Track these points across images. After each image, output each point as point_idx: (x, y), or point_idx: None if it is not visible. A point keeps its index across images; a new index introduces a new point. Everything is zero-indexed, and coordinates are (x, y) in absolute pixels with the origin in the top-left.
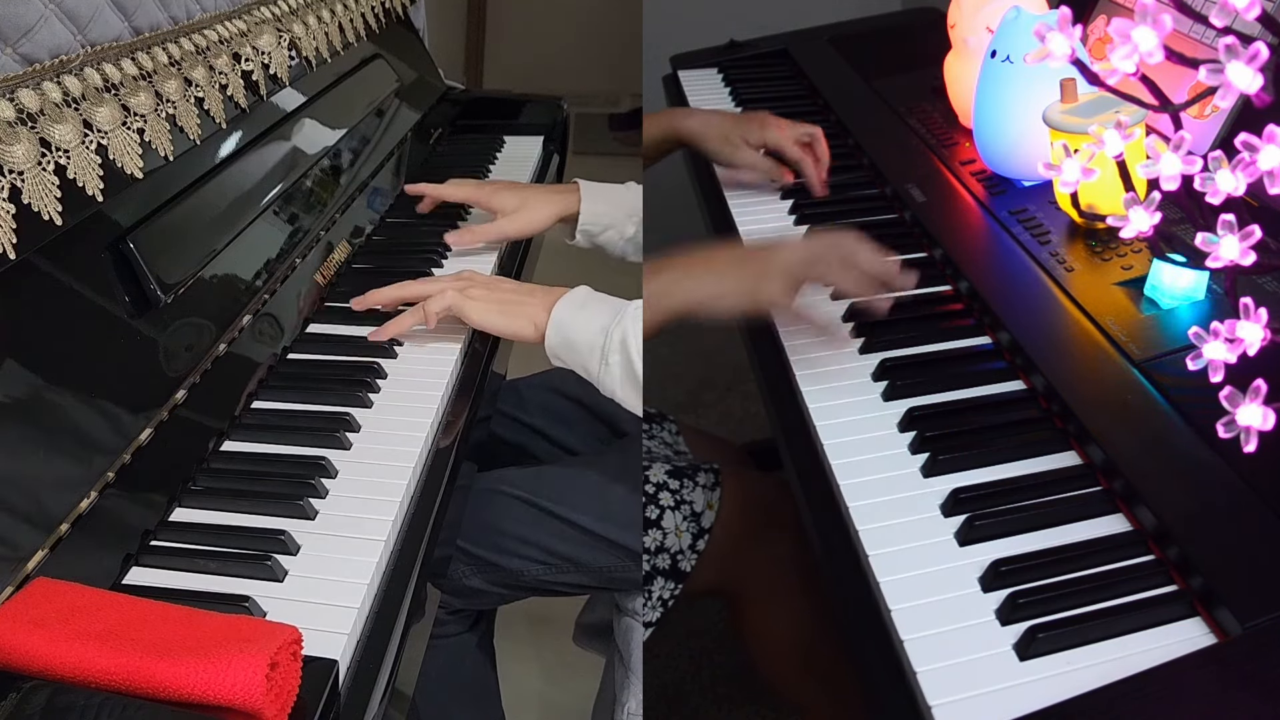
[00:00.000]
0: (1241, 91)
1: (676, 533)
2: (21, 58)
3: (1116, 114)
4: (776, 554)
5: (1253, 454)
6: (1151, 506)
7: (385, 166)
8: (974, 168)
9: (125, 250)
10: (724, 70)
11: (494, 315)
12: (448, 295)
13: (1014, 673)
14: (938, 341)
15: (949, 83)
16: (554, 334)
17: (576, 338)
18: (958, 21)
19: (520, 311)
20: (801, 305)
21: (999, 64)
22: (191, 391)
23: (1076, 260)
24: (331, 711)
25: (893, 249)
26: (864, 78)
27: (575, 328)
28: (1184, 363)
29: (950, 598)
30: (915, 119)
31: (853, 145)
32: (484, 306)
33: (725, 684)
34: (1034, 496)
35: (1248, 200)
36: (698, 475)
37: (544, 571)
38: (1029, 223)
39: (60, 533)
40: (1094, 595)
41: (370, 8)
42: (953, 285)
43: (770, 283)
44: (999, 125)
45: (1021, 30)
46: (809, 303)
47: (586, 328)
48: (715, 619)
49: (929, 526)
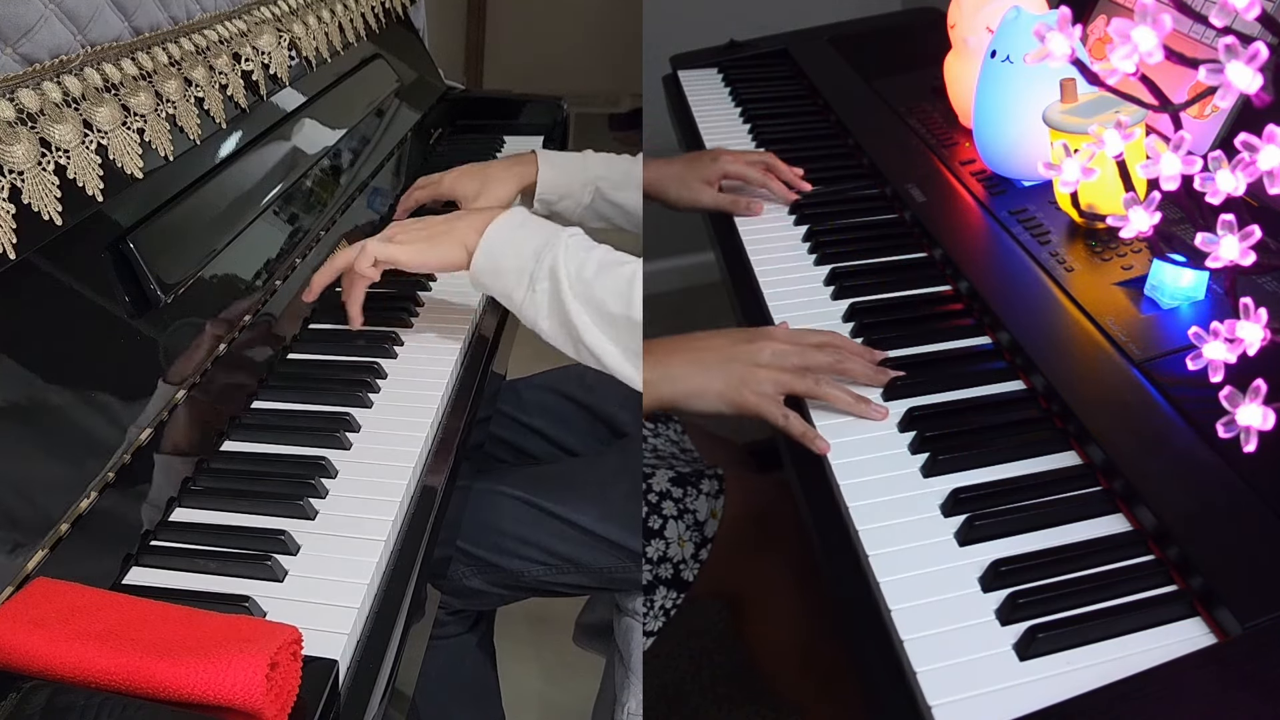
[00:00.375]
0: (1241, 91)
1: (679, 542)
2: (21, 58)
3: (1116, 114)
4: (779, 558)
5: (1253, 454)
6: (1151, 506)
7: (385, 166)
8: (974, 168)
9: (125, 250)
10: (724, 70)
11: (423, 251)
12: (369, 247)
13: (1014, 673)
14: (938, 341)
15: (949, 83)
16: (482, 256)
17: (504, 261)
18: (958, 21)
19: (448, 239)
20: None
21: (999, 64)
22: (191, 391)
23: (1076, 260)
24: (331, 711)
25: (893, 249)
26: (864, 78)
27: (506, 249)
28: (1184, 363)
29: (950, 598)
30: (915, 119)
31: (853, 145)
32: (411, 247)
33: (725, 684)
34: (1034, 496)
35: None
36: (701, 483)
37: (544, 572)
38: (1029, 223)
39: (60, 533)
40: (1094, 595)
41: (370, 8)
42: (953, 285)
43: (755, 388)
44: (999, 125)
45: (1021, 30)
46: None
47: (518, 251)
48: (715, 619)
49: (929, 526)
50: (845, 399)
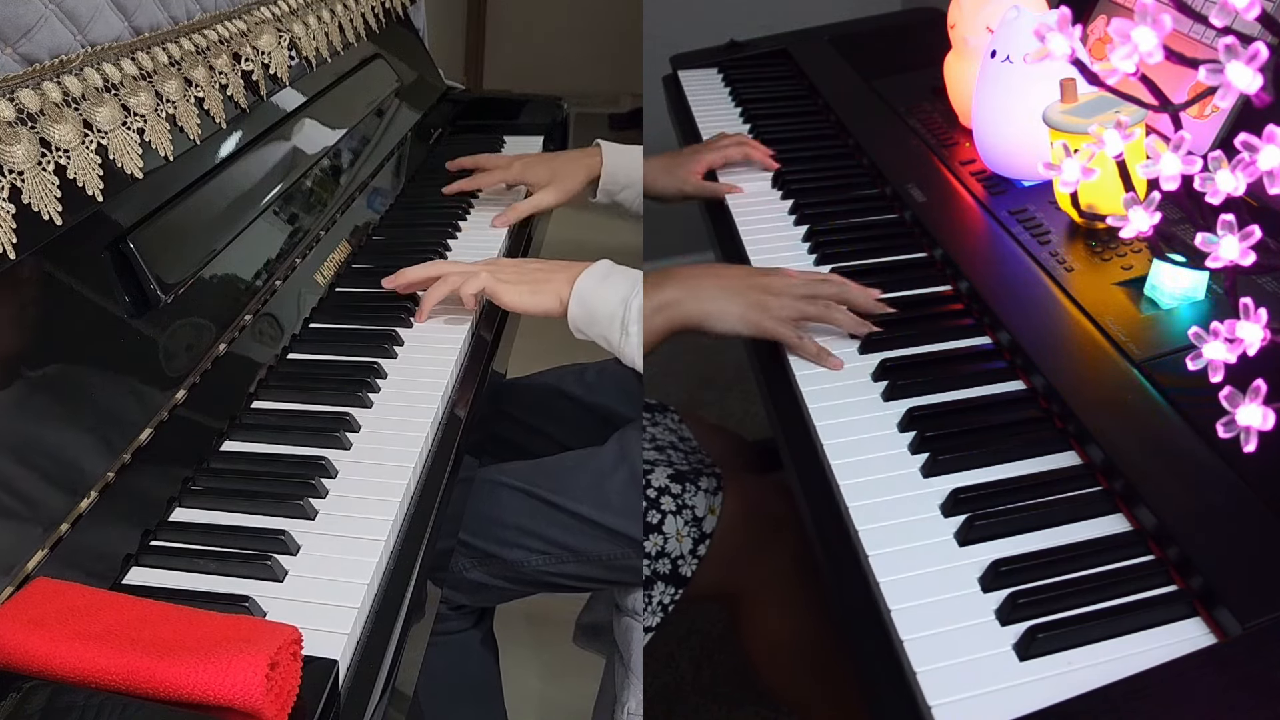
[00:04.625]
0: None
1: (677, 537)
2: (21, 58)
3: (1116, 114)
4: (778, 558)
5: (1253, 454)
6: (1151, 506)
7: (385, 166)
8: (974, 168)
9: (125, 250)
10: (724, 70)
11: (526, 295)
12: (481, 278)
13: (1014, 673)
14: (938, 341)
15: (949, 83)
16: (576, 306)
17: (597, 309)
18: (958, 21)
19: (547, 288)
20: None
21: (999, 64)
22: (191, 391)
23: (1076, 260)
24: (331, 711)
25: (893, 249)
26: (864, 78)
27: (596, 300)
28: (1184, 363)
29: (950, 598)
30: (915, 119)
31: (853, 145)
32: (515, 288)
33: (725, 684)
34: (1034, 496)
35: (1248, 200)
36: (700, 479)
37: (544, 562)
38: (1029, 223)
39: (60, 533)
40: (1094, 595)
41: (370, 8)
42: (953, 285)
43: (775, 312)
44: (999, 125)
45: (1021, 30)
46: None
47: (607, 299)
48: (715, 619)
49: (929, 526)
50: (850, 321)
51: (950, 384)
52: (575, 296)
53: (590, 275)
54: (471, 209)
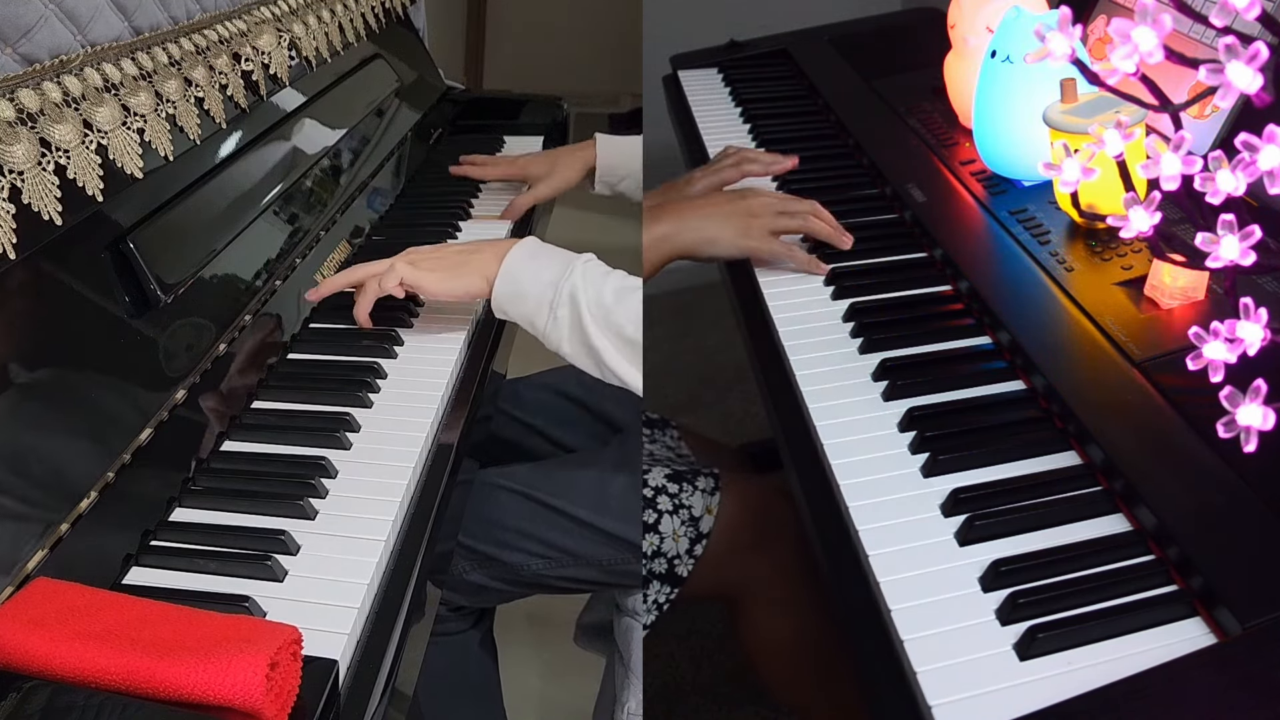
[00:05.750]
0: (1241, 91)
1: (674, 537)
2: (21, 58)
3: (1116, 114)
4: (776, 559)
5: (1253, 454)
6: (1151, 506)
7: (385, 166)
8: (974, 168)
9: (125, 250)
10: (724, 70)
11: (446, 280)
12: (397, 269)
13: (1014, 673)
14: (938, 341)
15: (949, 83)
16: (504, 284)
17: (527, 287)
18: (958, 21)
19: (468, 269)
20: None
21: (999, 64)
22: (191, 391)
23: (1076, 260)
24: (331, 711)
25: (893, 249)
26: (864, 78)
27: (527, 276)
28: (1184, 363)
29: (950, 598)
30: (915, 119)
31: (853, 145)
32: (434, 275)
33: (725, 684)
34: (1034, 496)
35: (1248, 200)
36: (697, 479)
37: (543, 565)
38: (1029, 223)
39: (60, 533)
40: (1094, 595)
41: (370, 8)
42: (953, 285)
43: (759, 231)
44: (999, 125)
45: (1021, 30)
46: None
47: (538, 277)
48: (715, 619)
49: (929, 526)
50: (825, 229)
51: (950, 384)
52: (504, 272)
53: (521, 249)
54: (472, 209)
